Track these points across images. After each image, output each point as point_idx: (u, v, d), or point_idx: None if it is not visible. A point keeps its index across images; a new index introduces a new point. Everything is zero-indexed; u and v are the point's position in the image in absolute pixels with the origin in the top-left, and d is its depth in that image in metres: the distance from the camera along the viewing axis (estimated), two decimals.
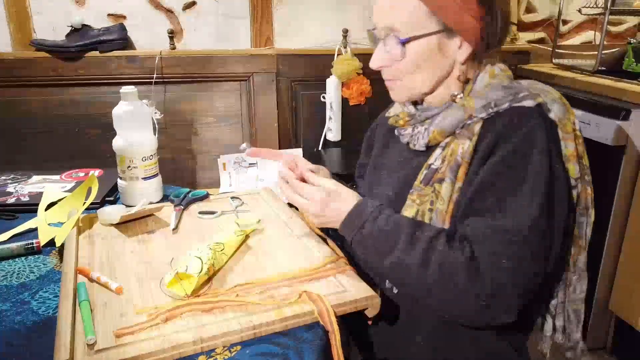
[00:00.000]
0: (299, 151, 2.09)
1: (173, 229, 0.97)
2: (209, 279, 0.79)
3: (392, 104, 0.96)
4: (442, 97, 0.84)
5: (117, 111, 1.10)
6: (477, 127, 0.77)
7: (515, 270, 0.69)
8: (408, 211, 0.80)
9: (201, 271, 0.75)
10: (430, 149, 0.83)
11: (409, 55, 0.79)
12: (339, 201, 0.80)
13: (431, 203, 0.79)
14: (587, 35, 2.30)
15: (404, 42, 0.78)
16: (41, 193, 1.15)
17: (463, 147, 0.77)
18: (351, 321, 0.92)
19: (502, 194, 0.72)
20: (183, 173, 2.07)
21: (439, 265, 0.71)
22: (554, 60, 2.07)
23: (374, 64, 0.84)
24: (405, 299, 0.85)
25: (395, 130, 0.90)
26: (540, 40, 2.27)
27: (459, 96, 0.81)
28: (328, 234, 0.95)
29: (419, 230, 0.75)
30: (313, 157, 2.04)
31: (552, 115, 0.77)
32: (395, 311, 0.86)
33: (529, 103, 0.76)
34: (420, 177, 0.81)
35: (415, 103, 0.89)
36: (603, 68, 1.84)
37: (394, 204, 0.84)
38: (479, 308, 0.70)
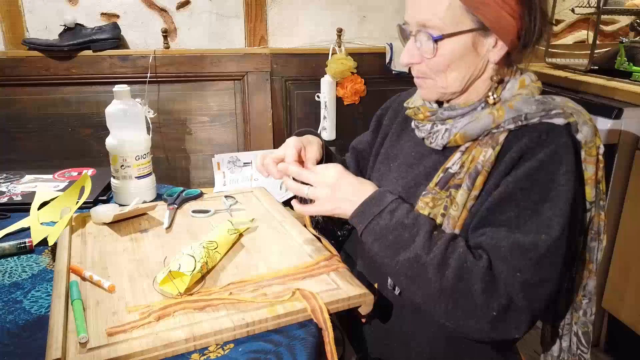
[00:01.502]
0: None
1: (166, 228, 0.97)
2: (202, 278, 0.79)
3: (413, 90, 0.92)
4: (469, 97, 0.81)
5: (110, 110, 1.09)
6: (501, 137, 0.75)
7: (529, 287, 0.69)
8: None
9: (194, 269, 0.75)
10: (447, 149, 0.80)
11: (441, 53, 0.75)
12: (345, 194, 0.77)
13: (445, 208, 0.77)
14: (580, 35, 2.32)
15: (437, 39, 0.74)
16: (34, 192, 1.14)
17: (485, 155, 0.75)
18: (346, 319, 0.92)
19: (523, 209, 0.71)
20: (177, 172, 2.07)
21: (457, 268, 0.69)
22: (546, 60, 2.08)
23: (403, 60, 0.80)
24: (407, 309, 0.84)
25: (413, 123, 0.88)
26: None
27: (492, 98, 0.78)
28: (322, 234, 0.95)
29: (436, 230, 0.74)
30: None
31: (579, 136, 0.75)
32: (389, 309, 0.86)
33: (559, 121, 0.74)
34: (436, 179, 0.78)
35: (439, 102, 0.85)
36: (595, 67, 1.85)
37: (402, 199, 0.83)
38: (489, 319, 0.68)
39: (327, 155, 0.91)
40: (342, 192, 0.78)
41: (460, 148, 0.79)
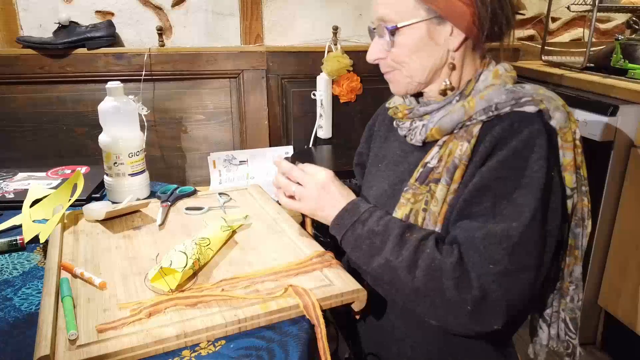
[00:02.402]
0: (289, 149, 2.09)
1: (159, 225, 0.96)
2: (194, 274, 0.79)
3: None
4: (437, 88, 0.83)
5: (102, 107, 1.08)
6: (476, 129, 0.76)
7: (503, 276, 0.69)
8: (402, 210, 0.80)
9: (185, 266, 0.75)
10: (427, 145, 0.82)
11: (399, 43, 0.79)
12: (330, 199, 0.81)
13: (425, 203, 0.78)
14: (576, 33, 2.32)
15: (392, 31, 0.78)
16: (26, 190, 1.13)
17: (461, 148, 0.76)
18: (340, 316, 0.92)
19: (498, 198, 0.71)
20: (172, 171, 2.06)
21: (426, 268, 0.71)
22: (543, 57, 2.08)
23: (369, 57, 0.84)
24: (396, 309, 0.84)
25: (394, 122, 0.90)
26: (530, 38, 2.28)
27: (447, 82, 0.80)
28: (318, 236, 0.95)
29: (408, 232, 0.75)
30: (304, 154, 2.04)
31: (553, 122, 0.75)
32: (383, 306, 0.85)
33: (530, 109, 0.75)
34: (416, 175, 0.80)
35: (417, 97, 0.88)
36: (591, 65, 1.86)
37: (390, 198, 0.84)
38: (466, 313, 0.69)
39: None
40: (328, 196, 0.81)
41: (438, 142, 0.80)
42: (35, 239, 0.93)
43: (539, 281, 0.72)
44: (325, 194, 0.81)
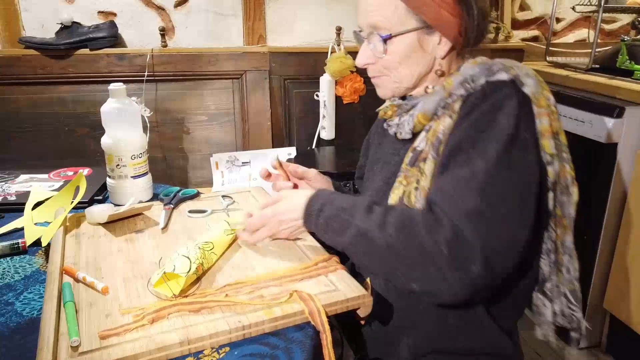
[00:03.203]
0: (292, 150, 2.08)
1: (162, 228, 0.95)
2: (198, 279, 0.78)
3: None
4: (421, 91, 0.88)
5: (105, 108, 1.08)
6: (457, 105, 0.79)
7: (473, 213, 0.68)
8: (395, 193, 0.83)
9: (189, 271, 0.74)
10: (416, 135, 0.85)
11: (391, 51, 0.83)
12: (288, 200, 0.84)
13: (417, 182, 0.80)
14: (581, 33, 2.30)
15: (385, 39, 0.82)
16: (28, 192, 1.13)
17: (444, 124, 0.79)
18: (345, 321, 0.91)
19: (468, 154, 0.73)
20: (175, 172, 2.05)
21: (396, 222, 0.71)
22: (547, 58, 2.06)
23: (359, 62, 0.88)
24: (395, 296, 0.84)
25: (384, 124, 0.94)
26: (534, 38, 2.27)
27: (432, 88, 0.86)
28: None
29: (375, 204, 0.77)
30: (306, 155, 2.03)
31: (526, 89, 0.77)
32: (389, 311, 0.84)
33: (503, 76, 0.77)
34: (406, 160, 0.83)
35: (403, 99, 0.92)
36: (597, 66, 1.84)
37: (384, 192, 0.87)
38: (443, 259, 0.66)
39: None
40: (287, 200, 0.84)
41: (425, 128, 0.83)
42: (37, 242, 0.92)
43: (520, 236, 0.70)
44: (285, 200, 0.84)
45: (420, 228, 0.69)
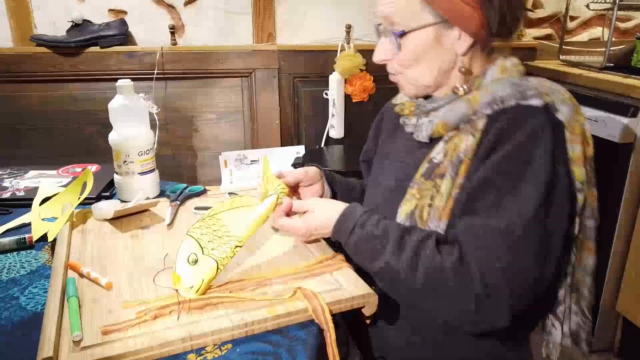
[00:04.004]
0: (300, 148, 2.07)
1: (168, 225, 0.95)
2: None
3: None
4: (447, 91, 0.82)
5: (112, 105, 1.08)
6: (481, 124, 0.75)
7: (506, 272, 0.67)
8: (407, 205, 0.79)
9: (214, 276, 0.73)
10: (433, 141, 0.81)
11: (406, 48, 0.78)
12: (320, 214, 0.82)
13: (431, 198, 0.77)
14: (595, 32, 2.26)
15: (399, 35, 0.77)
16: (37, 188, 1.13)
17: (466, 143, 0.75)
18: (350, 320, 0.90)
19: (500, 193, 0.70)
20: (184, 170, 2.05)
21: (426, 269, 0.70)
22: (560, 57, 2.03)
23: (375, 58, 0.83)
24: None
25: (401, 119, 0.89)
26: (547, 37, 2.24)
27: (461, 89, 0.79)
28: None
29: (407, 234, 0.74)
30: (315, 154, 2.02)
31: (559, 115, 0.73)
32: (394, 310, 0.83)
33: (536, 102, 0.73)
34: (422, 170, 0.79)
35: (426, 97, 0.86)
36: (611, 64, 1.81)
37: (396, 194, 0.83)
38: (470, 310, 0.68)
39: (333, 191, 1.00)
40: (315, 221, 0.82)
41: (444, 138, 0.79)
42: (44, 237, 0.92)
43: (545, 277, 0.71)
44: (317, 215, 0.83)
45: (449, 280, 0.69)
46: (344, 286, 0.74)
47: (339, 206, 0.82)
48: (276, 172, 0.93)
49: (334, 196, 1.00)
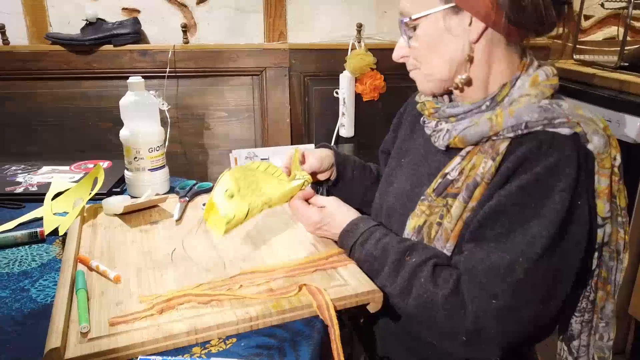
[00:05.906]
0: (310, 147, 2.07)
1: (176, 220, 0.96)
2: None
3: None
4: (475, 95, 0.76)
5: (124, 101, 1.09)
6: (502, 146, 0.70)
7: (501, 311, 0.65)
8: (415, 220, 0.78)
9: (242, 220, 0.76)
10: (450, 150, 0.78)
11: (417, 37, 0.74)
12: (335, 215, 0.84)
13: (440, 217, 0.75)
14: (610, 31, 2.23)
15: (407, 23, 0.74)
16: (49, 183, 1.15)
17: (484, 166, 0.71)
18: (355, 317, 0.90)
19: (511, 225, 0.67)
20: (194, 167, 2.07)
21: (418, 298, 0.71)
22: (574, 56, 2.00)
23: (394, 55, 0.81)
24: None
25: (421, 119, 0.86)
26: (561, 36, 2.21)
27: (466, 86, 0.75)
28: None
29: (405, 256, 0.74)
30: None
31: (590, 146, 0.68)
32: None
33: (564, 131, 0.67)
34: (434, 185, 0.76)
35: (449, 96, 0.82)
36: (626, 64, 1.78)
37: (406, 199, 0.83)
38: (460, 343, 0.68)
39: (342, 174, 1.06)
40: (328, 223, 0.85)
41: (460, 152, 0.75)
42: (56, 231, 0.93)
43: (547, 314, 0.68)
44: (331, 217, 0.85)
45: (439, 313, 0.69)
46: (349, 282, 0.74)
47: (351, 215, 0.84)
48: (298, 148, 0.99)
49: (348, 179, 1.06)
